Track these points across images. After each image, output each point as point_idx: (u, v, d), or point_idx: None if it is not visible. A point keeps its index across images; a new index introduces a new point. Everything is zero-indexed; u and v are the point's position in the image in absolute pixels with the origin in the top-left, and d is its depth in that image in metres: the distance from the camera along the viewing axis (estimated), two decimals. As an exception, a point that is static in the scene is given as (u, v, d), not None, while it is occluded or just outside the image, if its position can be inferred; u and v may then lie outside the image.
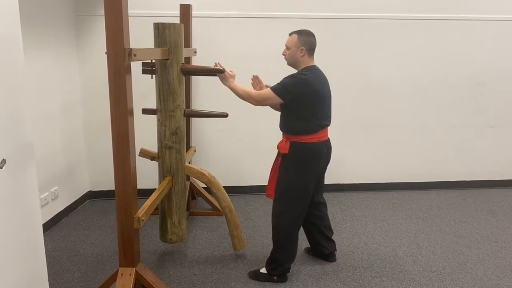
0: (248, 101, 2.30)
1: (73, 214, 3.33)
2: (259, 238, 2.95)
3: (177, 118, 2.37)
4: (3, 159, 1.49)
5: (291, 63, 2.31)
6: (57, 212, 3.14)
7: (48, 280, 1.85)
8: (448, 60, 3.72)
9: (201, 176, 2.56)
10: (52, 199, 3.06)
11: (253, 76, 2.49)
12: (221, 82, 2.38)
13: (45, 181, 2.96)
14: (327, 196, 3.76)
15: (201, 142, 3.66)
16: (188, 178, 3.18)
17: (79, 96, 3.44)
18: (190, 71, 2.56)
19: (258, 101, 2.27)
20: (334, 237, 2.64)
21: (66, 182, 3.27)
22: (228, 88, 2.35)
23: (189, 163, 3.06)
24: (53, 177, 3.08)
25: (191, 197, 3.35)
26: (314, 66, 2.31)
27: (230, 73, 2.36)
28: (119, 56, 1.75)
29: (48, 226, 2.98)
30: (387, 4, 3.56)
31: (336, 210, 3.48)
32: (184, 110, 2.43)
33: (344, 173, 3.90)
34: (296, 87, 2.19)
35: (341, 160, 3.83)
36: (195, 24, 3.34)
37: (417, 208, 3.53)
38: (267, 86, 2.37)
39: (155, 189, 2.29)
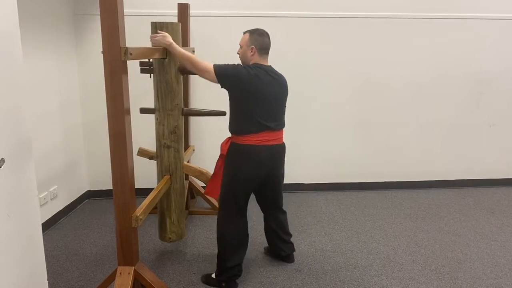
0: (193, 64, 2.11)
1: (72, 214, 3.33)
2: (257, 236, 2.95)
3: (175, 117, 2.37)
4: (2, 158, 1.49)
5: (243, 61, 2.26)
6: (56, 212, 3.14)
7: (47, 280, 1.85)
8: (448, 59, 3.71)
9: (199, 174, 2.56)
10: (51, 199, 3.06)
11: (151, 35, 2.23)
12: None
13: (44, 180, 2.96)
14: (326, 195, 3.80)
15: (200, 141, 3.66)
16: (187, 177, 3.18)
17: (78, 95, 3.44)
18: (188, 70, 2.55)
19: (197, 70, 2.11)
20: (334, 236, 2.65)
21: (65, 182, 3.27)
22: (170, 50, 2.17)
23: (187, 162, 3.06)
24: (52, 177, 3.08)
25: (190, 196, 3.35)
26: (262, 65, 2.20)
27: (166, 34, 2.17)
28: (115, 55, 1.75)
29: (47, 226, 2.98)
30: (387, 3, 3.55)
31: (335, 209, 3.48)
32: (182, 109, 2.43)
33: (343, 172, 3.90)
34: (233, 75, 2.10)
35: (340, 159, 3.83)
36: (193, 23, 3.34)
37: (416, 207, 3.53)
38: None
39: (154, 188, 2.29)
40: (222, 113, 2.54)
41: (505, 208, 3.52)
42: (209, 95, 3.53)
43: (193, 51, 3.29)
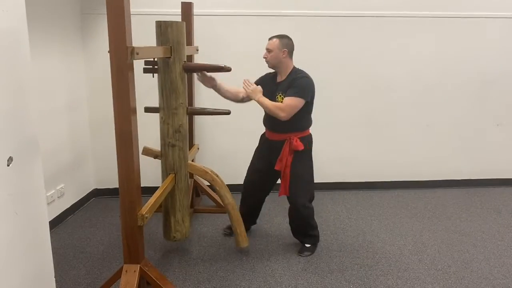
0: (277, 114, 2.42)
1: (79, 212, 3.36)
2: (263, 235, 2.96)
3: (180, 116, 2.37)
4: (10, 156, 1.50)
5: (274, 64, 2.53)
6: (63, 210, 3.16)
7: (55, 277, 1.87)
8: (455, 58, 3.68)
9: (204, 174, 2.57)
10: (58, 197, 3.09)
11: (244, 79, 2.56)
12: (250, 96, 2.54)
13: (51, 178, 2.99)
14: (332, 194, 3.78)
15: (205, 140, 3.66)
16: (192, 175, 3.19)
17: (85, 94, 3.47)
18: (192, 69, 2.56)
19: (288, 112, 2.41)
20: (339, 235, 2.74)
21: (72, 180, 3.29)
22: (257, 102, 2.50)
23: (192, 161, 3.07)
24: (59, 175, 3.11)
25: (195, 195, 3.36)
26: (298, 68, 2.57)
27: (258, 87, 2.52)
28: (121, 55, 1.76)
29: (54, 224, 3.00)
30: (393, 2, 3.53)
31: (341, 208, 3.47)
32: (187, 108, 2.44)
33: (349, 171, 3.88)
34: (312, 86, 2.50)
35: (346, 158, 3.82)
36: (197, 22, 3.34)
37: (423, 207, 3.51)
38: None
39: (159, 187, 2.30)
40: (227, 112, 2.54)
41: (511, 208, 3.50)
42: (214, 94, 3.53)
43: (197, 50, 3.30)
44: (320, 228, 3.06)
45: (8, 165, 1.50)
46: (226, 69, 2.43)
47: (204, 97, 3.56)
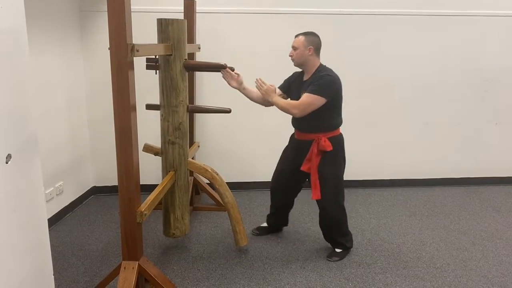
0: (290, 112, 2.38)
1: (77, 210, 3.35)
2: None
3: (180, 113, 2.37)
4: (9, 154, 1.50)
5: (300, 62, 2.45)
6: (62, 207, 3.16)
7: (53, 275, 1.87)
8: (454, 56, 3.69)
9: (204, 171, 2.57)
10: (57, 194, 3.08)
11: (257, 79, 2.48)
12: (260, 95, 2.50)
13: (50, 176, 2.99)
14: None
15: (205, 138, 3.66)
16: (191, 173, 3.19)
17: (84, 92, 3.46)
18: (193, 67, 2.56)
19: (301, 110, 2.35)
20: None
21: (71, 178, 3.29)
22: (272, 102, 2.44)
23: (192, 158, 3.07)
24: (58, 172, 3.10)
25: (194, 193, 3.36)
26: (326, 66, 2.48)
27: (271, 87, 2.44)
28: (121, 52, 1.76)
29: (53, 221, 3.00)
30: (391, 0, 3.53)
31: (340, 206, 3.47)
32: (187, 106, 2.44)
33: (348, 169, 3.86)
34: (335, 84, 2.38)
35: (346, 156, 3.81)
36: (199, 19, 3.34)
37: (421, 205, 3.51)
38: (271, 86, 2.45)
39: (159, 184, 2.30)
40: (227, 111, 2.54)
41: (510, 206, 3.50)
42: (215, 92, 3.54)
43: (199, 48, 3.29)
44: (319, 226, 3.06)
45: (6, 163, 1.49)
46: (224, 67, 2.42)
47: (205, 95, 3.56)
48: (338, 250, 2.64)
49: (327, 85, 2.35)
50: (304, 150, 2.49)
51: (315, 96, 2.32)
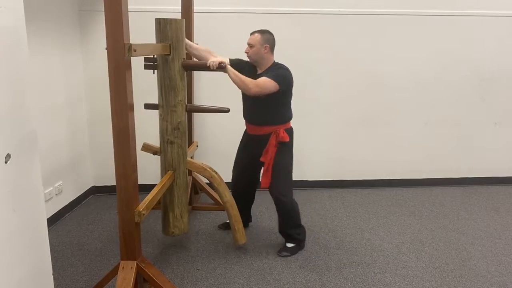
0: (247, 87, 2.38)
1: (77, 209, 3.36)
2: (262, 233, 2.96)
3: (179, 113, 2.37)
4: (8, 153, 1.50)
5: (256, 59, 2.52)
6: (61, 207, 3.16)
7: (53, 275, 1.87)
8: (452, 56, 3.68)
9: (202, 171, 2.57)
10: (56, 194, 3.09)
11: (211, 61, 2.43)
12: (222, 73, 2.46)
13: (49, 176, 2.99)
14: (330, 192, 3.79)
15: (204, 137, 3.66)
16: (190, 172, 3.19)
17: (83, 91, 3.46)
18: (191, 67, 2.56)
19: (260, 89, 2.38)
20: (338, 233, 2.74)
21: (70, 177, 3.29)
22: (227, 72, 2.41)
23: (191, 157, 3.07)
24: (57, 172, 3.11)
25: (193, 192, 3.36)
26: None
27: (225, 60, 2.47)
28: (119, 52, 1.76)
29: (52, 221, 3.00)
30: (393, 0, 3.52)
31: (339, 206, 3.47)
32: (186, 105, 2.44)
33: (347, 169, 3.88)
34: (290, 77, 2.50)
35: (344, 156, 3.82)
36: (197, 19, 3.34)
37: (420, 205, 3.51)
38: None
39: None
40: (226, 110, 2.54)
41: (509, 206, 3.50)
42: (213, 91, 3.54)
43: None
44: (318, 226, 3.07)
45: (6, 162, 1.49)
46: (223, 67, 2.42)
47: (203, 94, 3.56)
48: (289, 245, 2.67)
49: (284, 75, 2.46)
50: (261, 144, 2.56)
51: (273, 82, 2.38)
